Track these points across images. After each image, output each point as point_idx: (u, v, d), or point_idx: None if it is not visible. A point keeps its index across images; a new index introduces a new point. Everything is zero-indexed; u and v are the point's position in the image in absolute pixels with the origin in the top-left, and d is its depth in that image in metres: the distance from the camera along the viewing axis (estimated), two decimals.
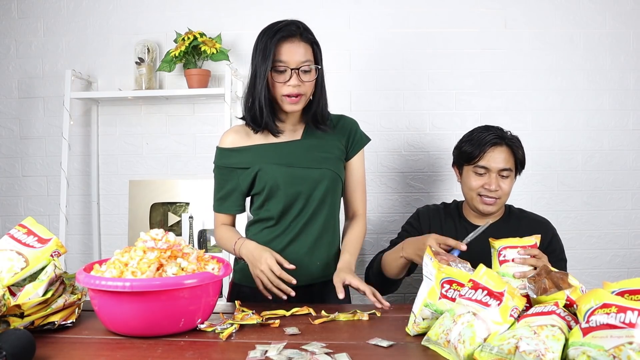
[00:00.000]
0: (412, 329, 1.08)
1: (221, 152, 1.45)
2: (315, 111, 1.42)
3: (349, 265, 1.39)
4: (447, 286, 1.06)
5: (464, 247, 1.29)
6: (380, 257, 1.59)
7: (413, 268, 1.69)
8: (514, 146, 1.55)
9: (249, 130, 1.44)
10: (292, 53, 1.32)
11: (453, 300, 1.04)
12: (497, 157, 1.53)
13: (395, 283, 1.59)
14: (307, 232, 1.43)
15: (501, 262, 1.25)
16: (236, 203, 1.46)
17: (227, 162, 1.44)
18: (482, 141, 1.53)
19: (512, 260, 1.24)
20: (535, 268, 1.22)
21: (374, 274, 1.60)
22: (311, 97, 1.40)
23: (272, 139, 1.42)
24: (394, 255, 1.49)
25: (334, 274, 1.36)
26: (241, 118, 1.46)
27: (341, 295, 1.29)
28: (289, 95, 1.34)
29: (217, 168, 1.47)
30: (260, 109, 1.36)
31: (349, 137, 1.49)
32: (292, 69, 1.32)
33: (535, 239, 1.28)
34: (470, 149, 1.55)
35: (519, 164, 1.57)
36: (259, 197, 1.43)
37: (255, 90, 1.36)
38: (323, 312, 1.20)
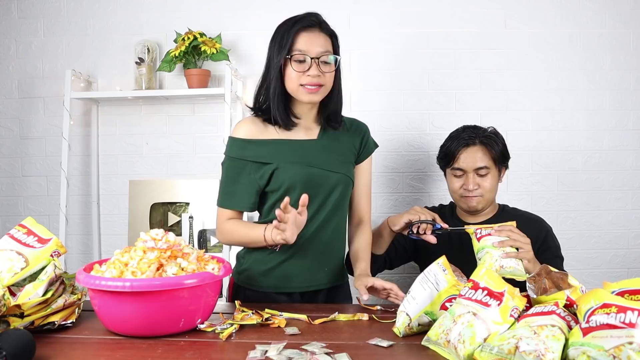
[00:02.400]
0: (402, 330, 1.06)
1: (235, 143, 1.38)
2: (332, 108, 1.40)
3: (367, 272, 1.39)
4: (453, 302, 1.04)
5: (446, 226, 1.41)
6: None
7: (396, 264, 1.70)
8: (488, 143, 1.56)
9: (265, 121, 1.40)
10: (312, 42, 1.30)
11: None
12: (470, 157, 1.55)
13: (374, 261, 1.56)
14: (318, 238, 1.39)
15: (479, 239, 1.33)
16: (248, 199, 1.37)
17: (241, 154, 1.36)
18: (455, 143, 1.57)
19: (487, 235, 1.32)
20: (517, 249, 1.29)
21: None
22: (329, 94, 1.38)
23: (288, 135, 1.38)
24: (378, 226, 1.56)
25: (355, 280, 1.36)
26: (252, 109, 1.41)
27: (366, 296, 1.27)
28: (307, 85, 1.30)
29: (229, 159, 1.38)
30: (273, 100, 1.33)
31: (361, 140, 1.47)
32: (312, 58, 1.29)
33: (510, 224, 1.35)
34: (446, 152, 1.60)
35: (498, 159, 1.57)
36: (273, 196, 1.37)
37: (269, 82, 1.33)
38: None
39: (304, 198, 1.20)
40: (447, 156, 1.59)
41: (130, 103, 2.27)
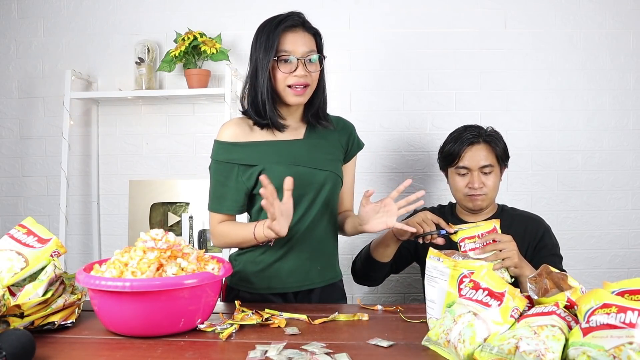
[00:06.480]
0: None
1: (221, 146, 1.37)
2: (317, 107, 1.40)
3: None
4: (465, 280, 1.01)
5: (451, 230, 1.36)
6: (370, 242, 1.61)
7: (402, 267, 1.70)
8: (492, 142, 1.57)
9: (250, 124, 1.39)
10: (297, 43, 1.30)
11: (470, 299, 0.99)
12: (475, 156, 1.56)
13: (381, 269, 1.58)
14: (309, 236, 1.38)
15: (463, 252, 1.31)
16: (237, 202, 1.38)
17: (228, 157, 1.36)
18: (459, 142, 1.58)
19: (472, 250, 1.30)
20: (500, 251, 1.28)
21: (362, 258, 1.61)
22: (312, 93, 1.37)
23: (274, 137, 1.38)
24: (384, 235, 1.53)
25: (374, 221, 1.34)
26: (243, 113, 1.41)
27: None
28: (294, 86, 1.30)
29: (215, 163, 1.38)
30: (263, 102, 1.32)
31: (348, 139, 1.47)
32: (298, 59, 1.29)
33: (494, 222, 1.33)
34: (450, 152, 1.60)
35: (501, 158, 1.59)
36: (261, 198, 1.34)
37: (258, 83, 1.32)
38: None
39: (288, 182, 1.20)
40: (450, 156, 1.59)
41: (130, 103, 2.27)
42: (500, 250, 1.28)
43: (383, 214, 1.32)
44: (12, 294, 1.07)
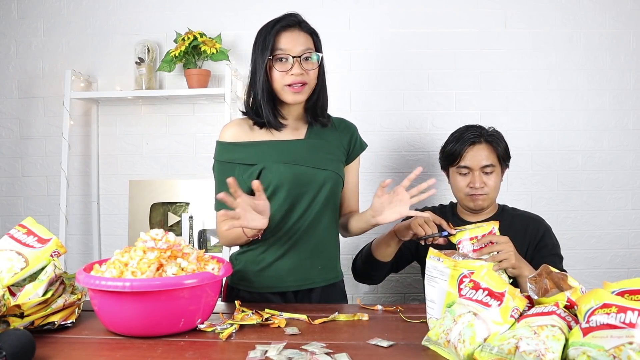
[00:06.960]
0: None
1: (222, 147, 1.39)
2: (316, 105, 1.40)
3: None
4: (465, 280, 1.01)
5: (453, 232, 1.35)
6: (371, 241, 1.62)
7: (402, 266, 1.71)
8: (493, 142, 1.58)
9: (251, 124, 1.40)
10: (293, 41, 1.31)
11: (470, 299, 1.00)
12: (477, 155, 1.56)
13: (381, 268, 1.58)
14: (309, 235, 1.39)
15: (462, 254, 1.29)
16: None
17: (229, 157, 1.38)
18: (460, 142, 1.58)
19: (470, 252, 1.29)
20: (497, 253, 1.28)
21: (363, 256, 1.62)
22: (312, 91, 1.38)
23: (275, 136, 1.39)
24: (385, 235, 1.53)
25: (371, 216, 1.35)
26: (243, 113, 1.43)
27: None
28: (292, 85, 1.31)
29: (218, 163, 1.40)
30: (260, 103, 1.34)
31: (350, 140, 1.48)
32: (293, 57, 1.30)
33: (492, 224, 1.33)
34: (451, 151, 1.60)
35: (502, 158, 1.59)
36: None
37: (255, 84, 1.34)
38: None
39: (255, 184, 1.19)
40: (451, 155, 1.60)
41: (130, 103, 2.27)
42: (498, 252, 1.28)
43: (396, 203, 1.32)
44: (12, 294, 1.07)
